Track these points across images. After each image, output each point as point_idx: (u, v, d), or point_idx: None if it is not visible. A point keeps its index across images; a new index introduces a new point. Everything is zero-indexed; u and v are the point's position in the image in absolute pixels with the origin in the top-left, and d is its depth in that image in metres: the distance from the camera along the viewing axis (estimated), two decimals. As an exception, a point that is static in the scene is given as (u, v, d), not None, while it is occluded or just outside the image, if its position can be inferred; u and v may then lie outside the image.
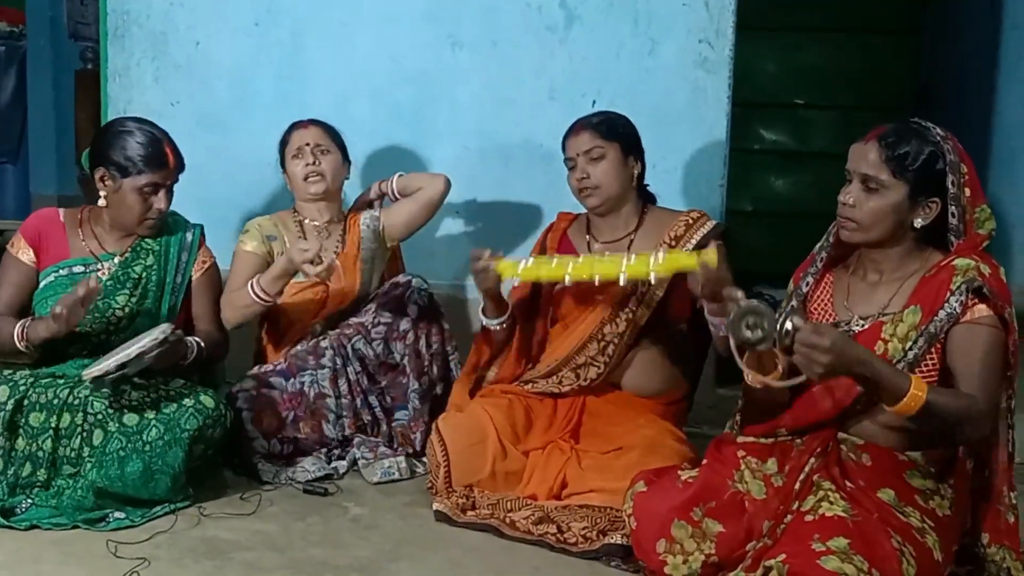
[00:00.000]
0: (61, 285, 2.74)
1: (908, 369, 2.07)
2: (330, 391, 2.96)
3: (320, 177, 3.11)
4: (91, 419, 2.56)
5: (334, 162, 3.15)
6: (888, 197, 2.11)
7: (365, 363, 3.02)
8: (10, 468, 2.55)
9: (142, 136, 2.73)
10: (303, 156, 3.12)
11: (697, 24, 3.40)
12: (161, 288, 2.83)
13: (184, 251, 2.89)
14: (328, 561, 2.36)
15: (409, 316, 3.03)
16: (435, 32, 3.61)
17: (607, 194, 2.78)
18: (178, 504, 2.59)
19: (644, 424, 2.69)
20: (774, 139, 5.77)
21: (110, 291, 2.76)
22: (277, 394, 2.92)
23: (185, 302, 2.89)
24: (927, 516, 2.06)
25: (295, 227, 3.18)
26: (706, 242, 2.74)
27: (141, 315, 2.78)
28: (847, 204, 2.15)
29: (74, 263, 2.78)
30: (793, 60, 5.65)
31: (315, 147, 3.12)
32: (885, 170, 2.10)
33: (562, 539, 2.44)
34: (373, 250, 3.19)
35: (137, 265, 2.80)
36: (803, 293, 2.30)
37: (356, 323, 3.05)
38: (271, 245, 3.11)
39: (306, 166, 3.11)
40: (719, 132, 3.43)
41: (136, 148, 2.71)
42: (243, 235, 3.14)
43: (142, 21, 3.78)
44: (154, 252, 2.83)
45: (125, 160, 2.71)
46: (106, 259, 2.80)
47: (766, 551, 2.05)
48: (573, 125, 2.84)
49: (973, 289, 2.05)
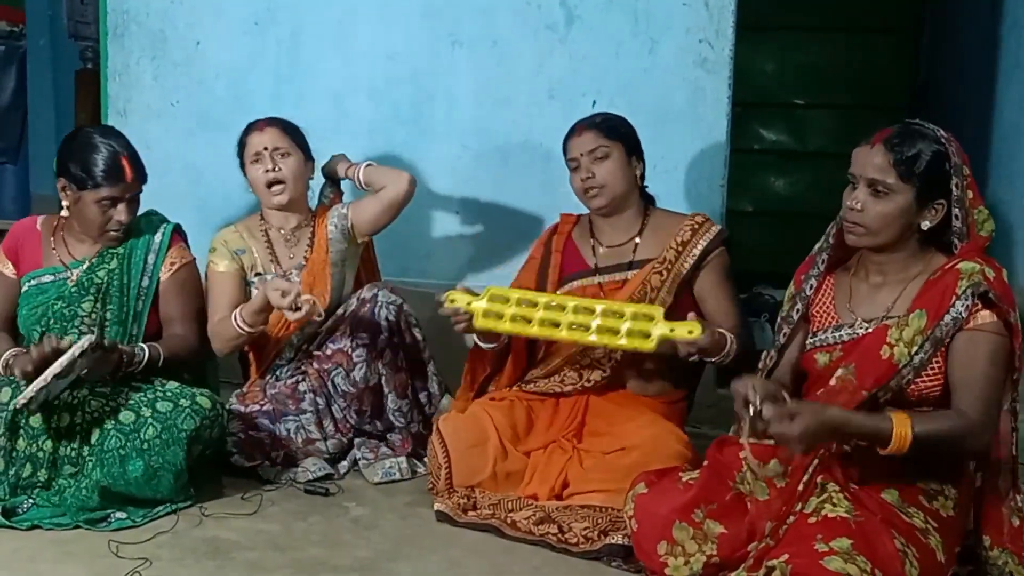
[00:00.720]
0: (31, 295, 2.77)
1: (914, 374, 2.07)
2: (317, 434, 2.92)
3: (282, 186, 2.99)
4: (89, 418, 2.58)
5: (295, 165, 3.02)
6: (896, 201, 2.10)
7: (348, 397, 2.93)
8: (11, 468, 2.55)
9: (103, 150, 2.70)
10: (262, 161, 2.99)
11: (697, 23, 3.40)
12: (125, 293, 2.78)
13: (151, 253, 2.83)
14: (329, 561, 2.36)
15: (383, 333, 2.91)
16: (434, 31, 3.61)
17: (612, 193, 2.77)
18: (180, 504, 2.59)
19: (646, 424, 2.68)
20: (773, 139, 5.77)
21: (75, 298, 2.74)
22: (265, 435, 2.88)
23: (156, 305, 2.83)
24: (931, 517, 2.06)
25: (262, 236, 3.07)
26: (712, 248, 2.75)
27: (110, 322, 2.75)
28: (855, 209, 2.13)
29: (43, 272, 2.79)
30: (792, 60, 5.65)
31: (274, 151, 3.00)
32: (892, 174, 2.09)
33: (563, 539, 2.44)
34: (343, 251, 3.08)
35: (101, 270, 2.77)
36: (807, 296, 2.29)
37: (335, 350, 2.93)
38: (241, 260, 3.02)
39: (266, 172, 2.98)
40: (719, 132, 3.43)
41: (93, 162, 2.68)
42: (211, 254, 3.03)
43: (141, 20, 3.78)
44: (118, 256, 2.80)
45: (83, 173, 2.69)
46: (75, 266, 2.79)
47: (768, 551, 2.05)
48: (574, 126, 2.83)
49: (978, 294, 2.05)
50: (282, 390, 2.96)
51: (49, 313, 2.74)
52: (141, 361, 2.68)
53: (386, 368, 2.93)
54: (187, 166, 3.76)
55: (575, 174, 2.80)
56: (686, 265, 2.74)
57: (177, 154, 3.72)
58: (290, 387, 2.96)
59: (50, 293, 2.76)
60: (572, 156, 2.80)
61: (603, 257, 2.84)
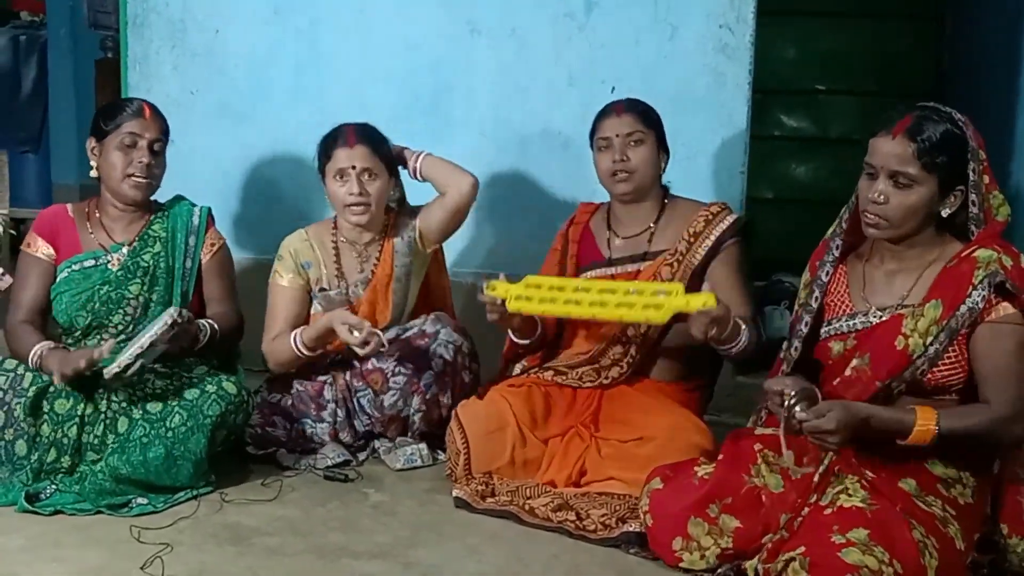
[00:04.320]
0: (73, 280, 2.77)
1: (929, 365, 2.06)
2: (330, 441, 2.91)
3: (364, 208, 2.87)
4: (115, 406, 2.60)
5: (381, 188, 2.90)
6: (919, 192, 2.07)
7: (372, 418, 2.89)
8: (34, 454, 2.58)
9: (123, 101, 2.87)
10: (348, 182, 2.86)
11: (717, 9, 3.37)
12: (171, 275, 2.83)
13: (191, 235, 2.88)
14: (348, 546, 2.37)
15: (432, 370, 2.83)
16: (453, 19, 3.60)
17: (641, 180, 2.76)
18: (200, 490, 2.61)
19: (664, 413, 2.67)
20: (794, 126, 5.72)
21: (122, 281, 2.77)
22: (282, 433, 2.89)
23: (198, 286, 2.89)
24: (949, 505, 2.05)
25: (331, 247, 2.98)
26: (726, 238, 2.73)
27: (154, 303, 2.79)
28: (877, 202, 2.10)
29: (85, 257, 2.80)
30: (813, 46, 5.59)
31: (362, 171, 2.86)
32: (916, 165, 2.06)
33: (581, 526, 2.44)
34: (408, 264, 2.99)
35: (146, 254, 2.81)
36: (824, 283, 2.27)
37: (374, 369, 2.86)
38: (307, 274, 2.96)
39: (350, 194, 2.86)
40: (739, 119, 3.41)
41: (117, 107, 2.82)
42: (278, 262, 2.98)
43: (161, 9, 3.79)
44: (161, 239, 2.84)
45: (105, 122, 2.78)
46: (115, 250, 2.81)
47: (784, 543, 2.04)
48: (612, 105, 2.79)
49: (996, 285, 2.02)
50: (308, 388, 2.93)
51: (96, 298, 2.75)
52: (207, 336, 2.73)
53: (425, 404, 2.86)
54: (206, 155, 3.77)
55: (604, 154, 2.75)
56: (698, 256, 2.73)
57: (197, 143, 3.73)
58: (316, 389, 2.93)
59: (94, 278, 2.77)
60: (605, 135, 2.75)
61: (618, 248, 2.83)
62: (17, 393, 2.58)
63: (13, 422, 2.57)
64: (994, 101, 4.38)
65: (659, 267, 2.74)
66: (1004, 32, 4.36)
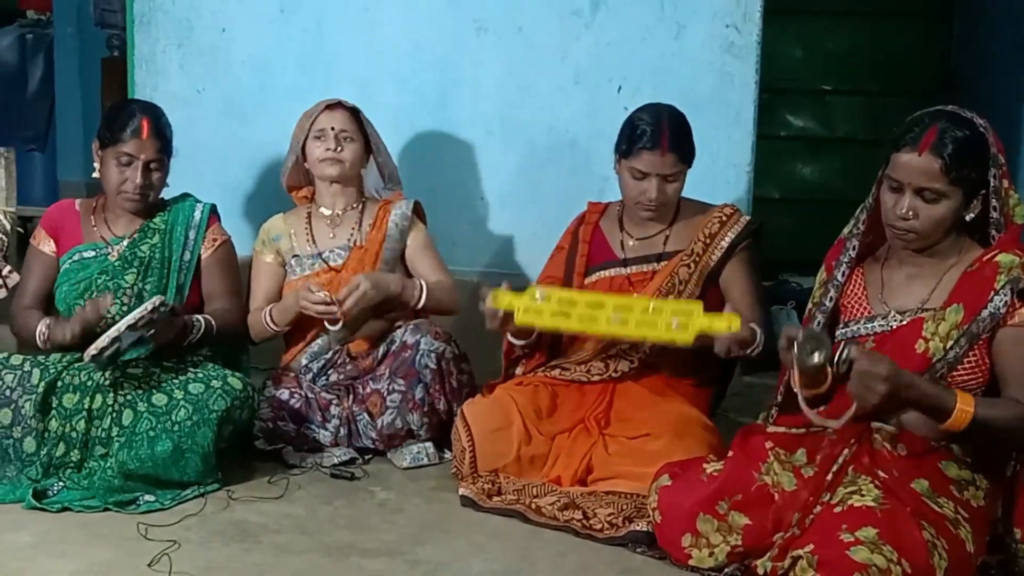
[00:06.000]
0: (73, 271, 2.83)
1: (948, 369, 2.05)
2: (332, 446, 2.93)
3: (337, 163, 3.06)
4: (121, 399, 2.61)
5: (355, 151, 3.09)
6: (947, 205, 2.08)
7: (373, 436, 2.90)
8: (43, 449, 2.58)
9: (128, 109, 2.83)
10: (326, 139, 3.05)
11: (724, 8, 3.37)
12: (166, 266, 2.85)
13: (191, 229, 2.91)
14: (355, 544, 2.37)
15: (422, 381, 2.86)
16: (459, 17, 3.60)
17: (667, 210, 2.78)
18: (207, 487, 2.61)
19: (672, 410, 2.67)
20: (801, 125, 5.71)
21: (119, 271, 2.82)
22: (292, 430, 2.90)
23: (197, 281, 2.91)
24: (961, 507, 2.04)
25: (304, 221, 3.13)
26: (740, 240, 2.74)
27: (148, 293, 2.80)
28: (906, 218, 2.09)
29: (85, 248, 2.86)
30: (820, 45, 5.58)
31: (340, 132, 3.07)
32: (943, 180, 2.05)
33: (587, 525, 2.44)
34: (395, 250, 3.10)
35: (144, 245, 2.85)
36: (840, 283, 2.26)
37: (372, 391, 2.91)
38: (277, 246, 3.11)
39: (326, 150, 3.05)
40: (746, 118, 3.41)
41: (117, 119, 2.80)
42: (257, 240, 3.17)
43: (167, 8, 3.80)
44: (160, 231, 2.88)
45: (107, 129, 2.80)
46: (115, 243, 2.86)
47: (793, 541, 2.04)
48: (654, 138, 2.65)
49: (1018, 291, 2.02)
50: (318, 399, 2.96)
51: (92, 287, 2.80)
52: (199, 331, 2.75)
53: (424, 417, 2.87)
54: (212, 153, 3.78)
55: (637, 183, 2.70)
56: (714, 257, 2.74)
57: (203, 141, 3.74)
58: (324, 402, 2.96)
59: (92, 268, 2.82)
60: (643, 170, 2.68)
61: (632, 249, 2.83)
62: (26, 390, 2.59)
63: (21, 420, 2.58)
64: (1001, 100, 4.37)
65: (676, 267, 2.74)
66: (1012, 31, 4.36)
